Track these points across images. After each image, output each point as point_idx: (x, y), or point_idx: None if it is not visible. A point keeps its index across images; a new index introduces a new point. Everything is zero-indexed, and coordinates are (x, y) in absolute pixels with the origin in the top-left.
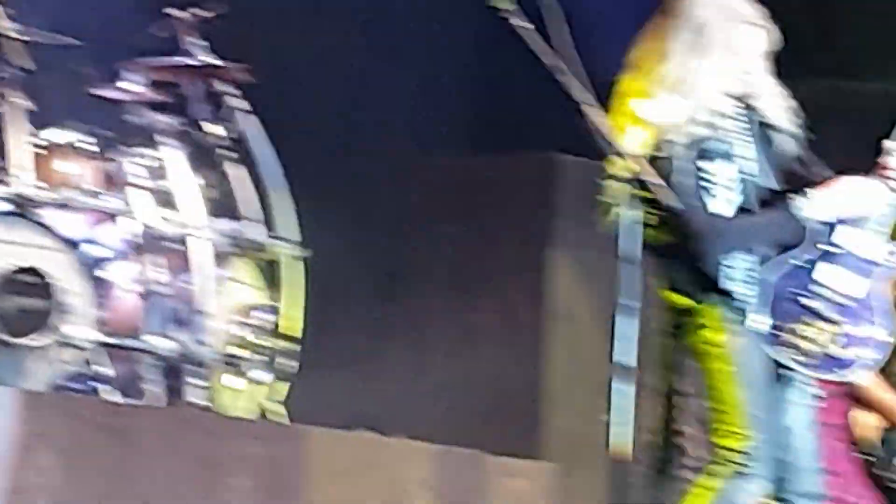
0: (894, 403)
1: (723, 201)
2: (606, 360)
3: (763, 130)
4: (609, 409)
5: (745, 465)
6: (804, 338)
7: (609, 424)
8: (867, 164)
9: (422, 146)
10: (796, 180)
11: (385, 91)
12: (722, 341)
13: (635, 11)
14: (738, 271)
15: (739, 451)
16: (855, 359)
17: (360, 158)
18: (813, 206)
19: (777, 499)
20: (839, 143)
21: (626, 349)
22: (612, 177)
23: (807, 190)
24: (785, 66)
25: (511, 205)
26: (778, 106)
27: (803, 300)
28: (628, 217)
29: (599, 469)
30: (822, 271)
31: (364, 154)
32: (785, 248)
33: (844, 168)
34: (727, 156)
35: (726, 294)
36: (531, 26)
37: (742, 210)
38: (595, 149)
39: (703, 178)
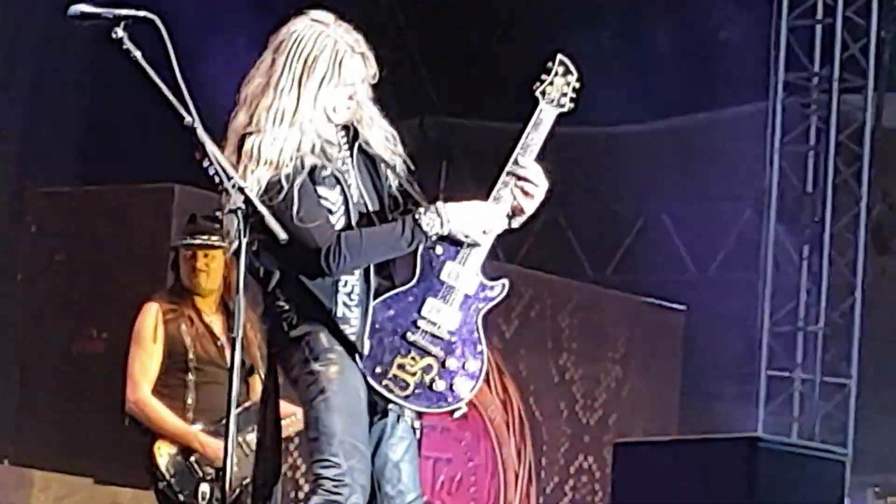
0: (183, 429)
1: (337, 225)
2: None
3: (367, 158)
4: (225, 441)
5: (339, 494)
6: (404, 371)
7: (225, 455)
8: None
9: (32, 177)
10: (403, 209)
11: None
12: (318, 369)
13: (247, 45)
14: (350, 296)
15: (333, 479)
16: (449, 391)
17: None
18: (434, 223)
19: None
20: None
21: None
22: (226, 208)
23: (427, 206)
24: (404, 101)
25: (129, 234)
26: (380, 135)
27: (409, 334)
28: (244, 247)
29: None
30: (429, 306)
31: None
32: (397, 282)
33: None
34: (335, 181)
35: (331, 319)
36: (140, 56)
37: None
38: (211, 179)
39: (321, 205)
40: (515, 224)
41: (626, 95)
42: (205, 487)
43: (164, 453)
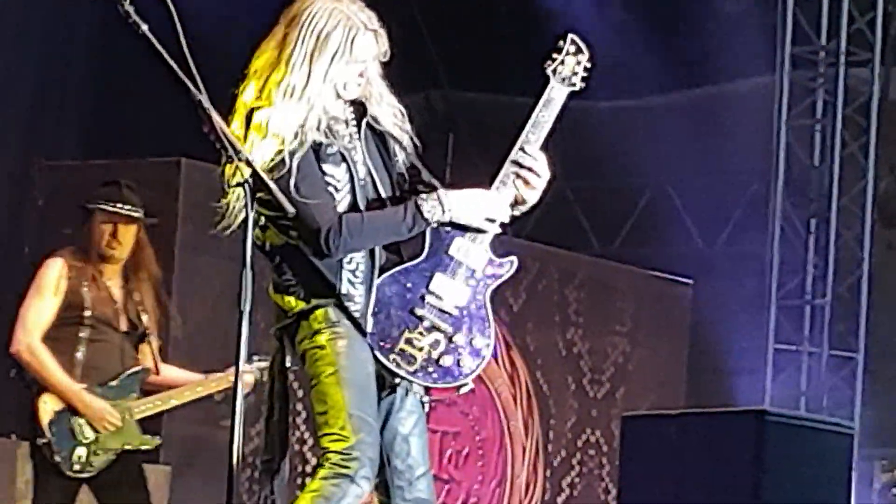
0: (69, 385)
1: (342, 203)
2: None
3: (375, 135)
4: (232, 414)
5: (347, 467)
6: (412, 346)
7: (232, 429)
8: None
9: (39, 150)
10: (409, 184)
11: (1, 95)
12: (326, 343)
13: (257, 18)
14: (354, 273)
15: (341, 453)
16: (456, 367)
17: None
18: (436, 210)
19: None
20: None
21: (244, 354)
22: (232, 182)
23: (429, 193)
24: (410, 75)
25: None
26: (388, 112)
27: (417, 309)
28: (251, 221)
29: (217, 473)
30: (437, 281)
31: None
32: (405, 256)
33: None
34: (341, 158)
35: (336, 296)
36: (147, 29)
37: (352, 211)
38: (218, 153)
39: (327, 182)
40: (517, 213)
41: (632, 70)
42: (81, 451)
43: (48, 409)
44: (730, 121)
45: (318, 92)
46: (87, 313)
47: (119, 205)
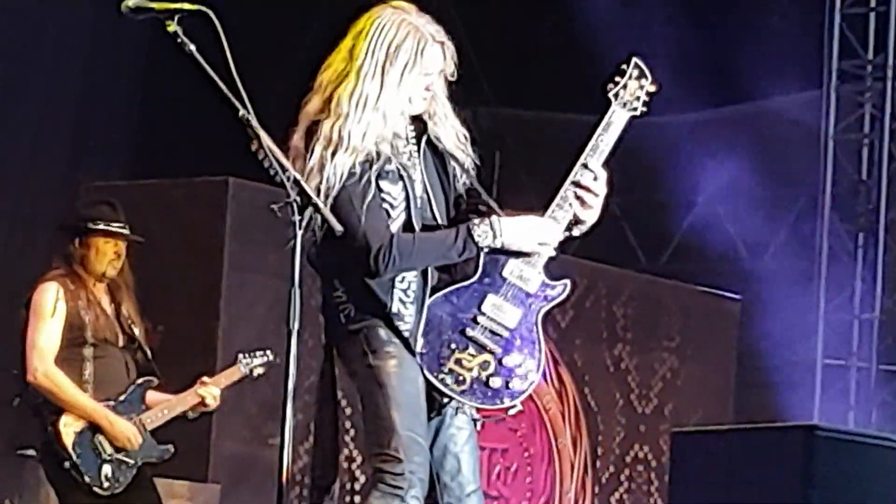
0: (92, 406)
1: (397, 221)
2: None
3: (435, 154)
4: (282, 432)
5: (399, 487)
6: (461, 366)
7: (281, 448)
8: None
9: (85, 171)
10: (468, 206)
11: (46, 115)
12: (377, 362)
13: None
14: (406, 292)
15: (392, 473)
16: (505, 388)
17: (23, 180)
18: (487, 236)
19: None
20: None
21: (293, 372)
22: (283, 200)
23: (482, 218)
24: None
25: (183, 228)
26: (451, 133)
27: (468, 330)
28: (299, 240)
29: (266, 491)
30: (490, 303)
31: (27, 177)
32: (458, 276)
33: (527, 195)
34: (398, 176)
35: (387, 316)
36: (194, 49)
37: (405, 231)
38: (267, 172)
39: (383, 199)
40: (576, 233)
41: (680, 84)
42: (107, 469)
43: (70, 432)
44: (777, 136)
45: (391, 102)
46: (89, 333)
47: (119, 225)
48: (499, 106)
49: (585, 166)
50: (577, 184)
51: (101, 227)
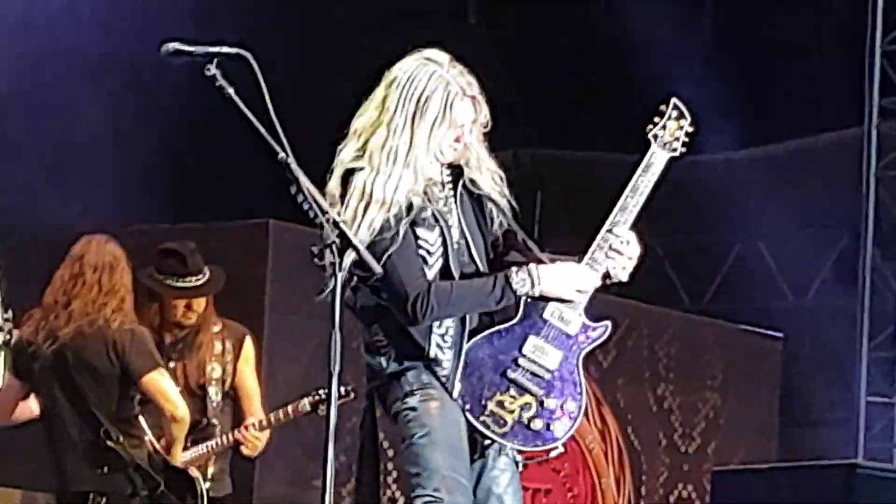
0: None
1: (434, 267)
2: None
3: (472, 197)
4: (323, 474)
5: None
6: (503, 408)
7: (323, 489)
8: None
9: (126, 215)
10: (505, 247)
11: (86, 160)
12: (418, 404)
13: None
14: (443, 337)
15: None
16: (546, 430)
17: (57, 232)
18: (525, 284)
19: None
20: (554, 206)
21: (334, 414)
22: (323, 243)
23: (520, 266)
24: (497, 134)
25: (226, 270)
26: (488, 176)
27: (509, 372)
28: (339, 282)
29: None
30: (531, 344)
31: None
32: (499, 318)
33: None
34: (434, 221)
35: (428, 359)
36: (233, 92)
37: (443, 277)
38: (306, 214)
39: (419, 246)
40: (610, 282)
41: (720, 122)
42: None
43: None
44: (818, 173)
45: (421, 157)
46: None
47: (190, 279)
48: (539, 147)
49: (611, 231)
50: (608, 243)
51: (170, 283)
